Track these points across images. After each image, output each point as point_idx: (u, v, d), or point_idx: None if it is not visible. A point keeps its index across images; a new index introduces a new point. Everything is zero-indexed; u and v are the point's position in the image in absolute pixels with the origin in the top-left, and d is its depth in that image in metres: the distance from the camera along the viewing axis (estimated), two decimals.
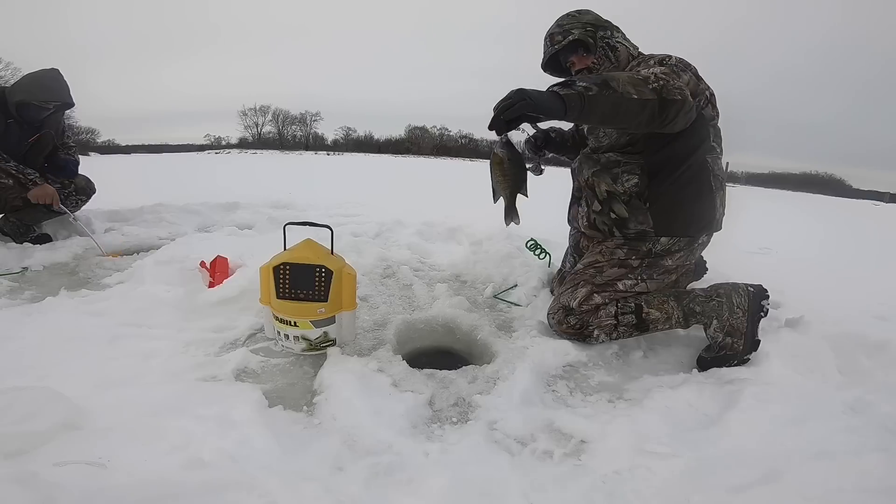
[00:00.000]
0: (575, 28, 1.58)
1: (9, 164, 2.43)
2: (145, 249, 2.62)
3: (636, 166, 1.56)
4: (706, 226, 1.59)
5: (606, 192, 1.61)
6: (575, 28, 1.58)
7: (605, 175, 1.60)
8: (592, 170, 1.64)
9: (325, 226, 1.51)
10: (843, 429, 1.11)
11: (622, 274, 1.58)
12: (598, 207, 1.65)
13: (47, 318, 1.62)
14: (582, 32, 1.57)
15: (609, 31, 1.59)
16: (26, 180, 2.46)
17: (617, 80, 1.23)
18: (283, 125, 55.02)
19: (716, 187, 1.56)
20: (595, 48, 1.57)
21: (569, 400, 1.35)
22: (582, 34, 1.57)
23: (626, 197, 1.58)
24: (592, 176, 1.64)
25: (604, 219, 1.64)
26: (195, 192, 4.31)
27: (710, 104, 1.52)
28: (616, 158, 1.59)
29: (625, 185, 1.57)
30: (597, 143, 1.67)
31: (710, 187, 1.55)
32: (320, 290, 1.39)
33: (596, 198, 1.65)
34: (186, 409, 1.13)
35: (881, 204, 16.43)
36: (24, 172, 2.47)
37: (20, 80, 2.48)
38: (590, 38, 1.57)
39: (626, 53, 1.58)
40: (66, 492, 0.83)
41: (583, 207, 1.73)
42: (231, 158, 18.97)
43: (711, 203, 1.56)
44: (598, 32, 1.57)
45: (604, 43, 1.57)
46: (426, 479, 0.98)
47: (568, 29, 1.58)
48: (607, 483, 1.01)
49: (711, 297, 1.52)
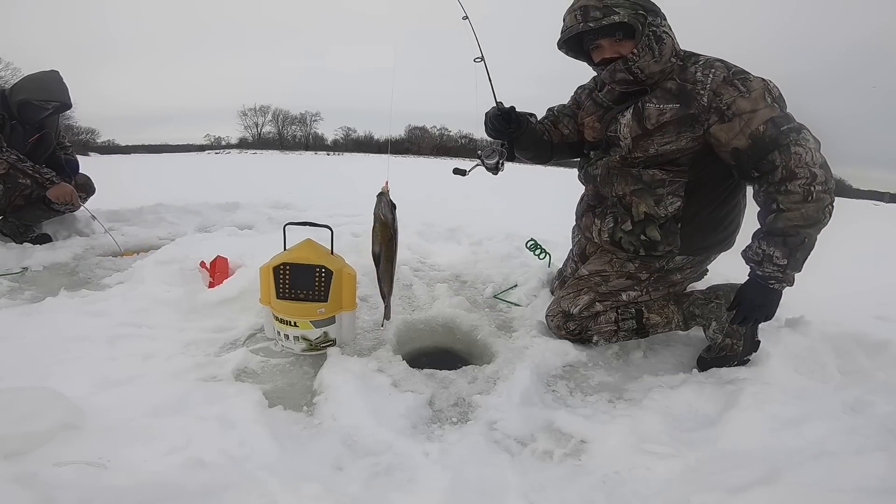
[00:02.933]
0: (621, 6, 1.31)
1: (25, 165, 2.44)
2: (145, 249, 2.62)
3: (680, 186, 1.43)
4: (725, 246, 1.56)
5: (644, 213, 1.48)
6: (621, 6, 1.31)
7: (648, 196, 1.46)
8: (632, 187, 1.48)
9: (325, 226, 1.51)
10: (843, 429, 1.11)
11: (629, 286, 1.55)
12: (628, 227, 1.51)
13: (47, 318, 1.62)
14: (631, 15, 1.32)
15: (658, 16, 1.35)
16: (43, 180, 2.47)
17: (810, 244, 1.30)
18: (283, 125, 55.08)
19: (743, 206, 1.52)
20: (641, 35, 1.33)
21: (569, 400, 1.35)
22: (632, 17, 1.32)
23: (663, 220, 1.46)
24: (632, 194, 1.48)
25: (632, 239, 1.52)
26: (195, 193, 4.31)
27: None
28: (661, 177, 1.43)
29: (668, 209, 1.44)
30: (627, 153, 1.46)
31: (740, 206, 1.51)
32: (320, 290, 1.39)
33: (630, 217, 1.51)
34: (186, 409, 1.14)
35: (881, 204, 16.43)
36: (41, 172, 2.48)
37: (21, 80, 2.50)
38: (640, 22, 1.32)
39: (671, 47, 1.36)
40: (66, 492, 0.83)
41: (606, 222, 1.57)
42: (231, 158, 18.97)
43: (736, 223, 1.52)
44: (649, 17, 1.33)
45: (650, 31, 1.33)
46: (426, 479, 0.98)
47: (611, 6, 1.32)
48: (607, 483, 1.01)
49: (710, 298, 1.52)
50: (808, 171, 1.24)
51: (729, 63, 1.36)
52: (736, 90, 1.30)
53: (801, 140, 1.26)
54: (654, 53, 1.34)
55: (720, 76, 1.32)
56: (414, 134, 55.08)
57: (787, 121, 1.28)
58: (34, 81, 2.47)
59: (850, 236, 5.57)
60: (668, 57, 1.36)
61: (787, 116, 1.29)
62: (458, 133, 55.82)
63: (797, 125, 1.28)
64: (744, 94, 1.29)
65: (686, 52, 1.42)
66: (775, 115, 1.28)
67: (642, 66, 1.36)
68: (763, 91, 1.29)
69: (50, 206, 2.63)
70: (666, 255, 1.51)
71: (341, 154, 34.20)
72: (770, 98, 1.29)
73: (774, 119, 1.28)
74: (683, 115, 1.35)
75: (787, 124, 1.28)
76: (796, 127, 1.28)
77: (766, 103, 1.29)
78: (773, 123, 1.27)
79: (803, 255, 1.30)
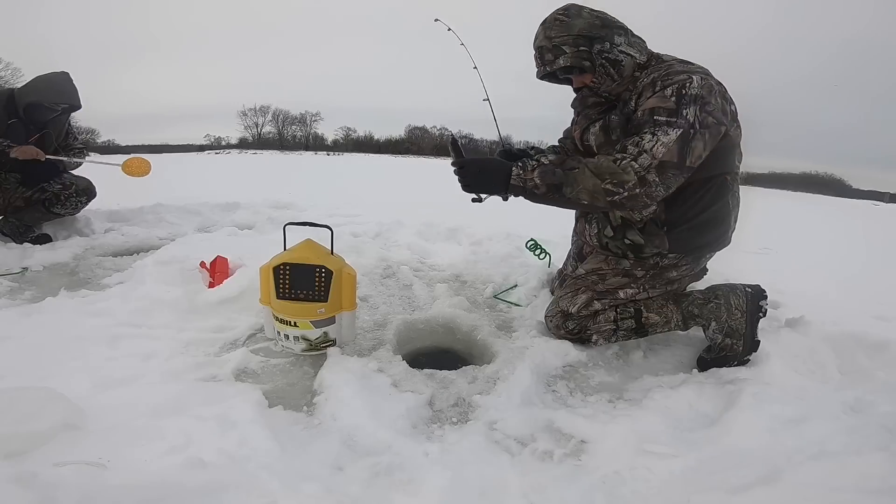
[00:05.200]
0: (565, 44, 1.37)
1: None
2: (145, 249, 2.62)
3: None
4: (719, 245, 1.54)
5: (621, 218, 1.50)
6: (565, 44, 1.37)
7: None
8: None
9: (325, 226, 1.51)
10: (843, 429, 1.11)
11: (625, 283, 1.55)
12: (610, 233, 1.53)
13: (47, 318, 1.62)
14: (574, 54, 1.37)
15: (606, 41, 1.37)
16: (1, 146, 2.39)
17: (575, 184, 1.29)
18: (283, 125, 55.11)
19: (732, 205, 1.48)
20: (593, 67, 1.39)
21: (569, 400, 1.35)
22: (574, 57, 1.38)
23: (641, 224, 1.48)
24: None
25: (617, 244, 1.53)
26: (195, 193, 4.31)
27: (735, 122, 1.41)
28: None
29: (642, 213, 1.46)
30: None
31: (728, 206, 1.46)
32: (320, 290, 1.39)
33: (609, 223, 1.53)
34: (186, 409, 1.13)
35: (881, 204, 16.45)
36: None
37: (32, 81, 2.50)
38: (584, 60, 1.38)
39: (631, 64, 1.40)
40: (66, 492, 0.83)
41: (592, 227, 1.59)
42: (231, 158, 18.97)
43: (727, 223, 1.49)
44: (595, 46, 1.37)
45: (603, 59, 1.38)
46: (426, 480, 0.98)
47: (558, 45, 1.38)
48: (607, 483, 1.01)
49: (710, 298, 1.52)
50: (635, 150, 1.28)
51: (680, 65, 1.37)
52: (652, 90, 1.33)
53: (657, 131, 1.28)
54: (613, 77, 1.40)
55: (650, 78, 1.36)
56: (414, 134, 55.13)
57: (669, 114, 1.29)
58: (45, 83, 2.48)
59: (851, 236, 5.58)
60: (631, 73, 1.41)
61: (675, 111, 1.28)
62: (458, 133, 55.88)
63: (676, 121, 1.28)
64: (657, 92, 1.32)
65: (656, 59, 1.43)
66: (661, 105, 1.30)
67: (606, 90, 1.44)
68: (675, 85, 1.30)
69: (49, 209, 2.63)
70: (655, 255, 1.50)
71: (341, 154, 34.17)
72: (674, 92, 1.29)
73: (655, 108, 1.30)
74: (624, 123, 1.41)
75: (665, 117, 1.29)
76: (673, 122, 1.28)
77: (662, 94, 1.30)
78: (651, 112, 1.31)
79: (554, 186, 1.30)
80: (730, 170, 1.44)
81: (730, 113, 1.38)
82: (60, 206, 2.65)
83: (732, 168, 1.45)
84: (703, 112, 1.29)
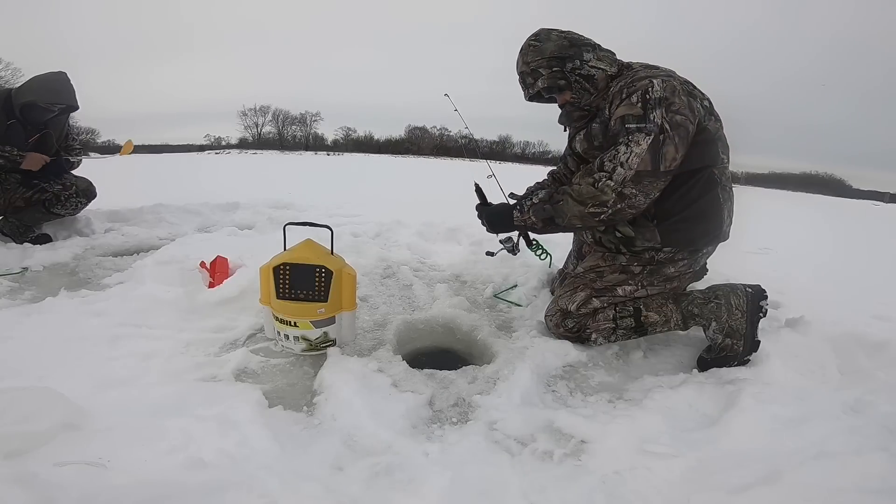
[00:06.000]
0: (541, 67, 1.49)
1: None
2: (145, 249, 2.62)
3: None
4: (713, 239, 1.54)
5: None
6: (541, 67, 1.49)
7: None
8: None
9: (325, 226, 1.51)
10: (843, 429, 1.11)
11: (623, 280, 1.55)
12: (601, 227, 1.56)
13: (47, 318, 1.62)
14: (549, 76, 1.49)
15: (576, 59, 1.48)
16: (13, 157, 2.42)
17: (563, 214, 1.45)
18: (283, 125, 55.08)
19: (723, 199, 1.48)
20: (569, 84, 1.50)
21: (569, 400, 1.35)
22: (549, 79, 1.49)
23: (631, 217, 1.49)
24: None
25: (609, 237, 1.56)
26: (195, 193, 4.31)
27: (712, 116, 1.45)
28: None
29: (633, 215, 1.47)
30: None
31: (718, 200, 1.47)
32: (320, 290, 1.39)
33: None
34: (186, 409, 1.13)
35: (881, 204, 16.45)
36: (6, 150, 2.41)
37: (28, 81, 2.48)
38: (559, 79, 1.49)
39: (604, 77, 1.49)
40: (66, 492, 0.83)
41: None
42: (231, 158, 18.97)
43: (719, 216, 1.50)
44: (567, 65, 1.48)
45: (576, 76, 1.48)
46: (426, 480, 0.98)
47: (535, 68, 1.50)
48: (607, 483, 1.01)
49: (710, 298, 1.51)
50: (610, 167, 1.36)
51: (645, 70, 1.44)
52: (620, 97, 1.41)
53: (631, 140, 1.35)
54: (589, 90, 1.51)
55: (618, 87, 1.43)
56: (414, 134, 55.12)
57: (638, 120, 1.35)
58: (41, 83, 2.46)
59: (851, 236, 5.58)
60: (605, 84, 1.50)
61: (642, 116, 1.35)
62: (458, 133, 55.88)
63: (644, 126, 1.34)
64: (624, 100, 1.39)
65: (626, 68, 1.51)
66: (629, 112, 1.36)
67: (586, 103, 1.54)
68: (639, 91, 1.36)
69: (49, 210, 2.63)
70: (647, 249, 1.52)
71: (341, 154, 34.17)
72: (639, 98, 1.36)
73: (625, 117, 1.37)
74: (604, 130, 1.48)
75: (635, 123, 1.35)
76: (643, 128, 1.34)
77: (629, 102, 1.37)
78: (622, 120, 1.38)
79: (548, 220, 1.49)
80: (715, 163, 1.47)
81: (699, 109, 1.41)
82: (61, 206, 2.65)
83: (717, 161, 1.47)
84: (669, 112, 1.35)
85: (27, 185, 2.54)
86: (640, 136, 1.34)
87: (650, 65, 1.50)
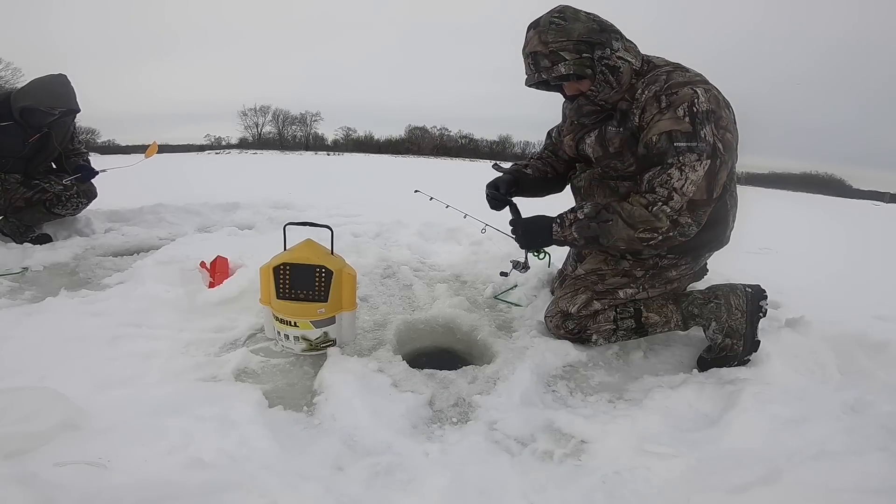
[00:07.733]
0: (565, 51, 1.30)
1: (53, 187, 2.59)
2: (145, 249, 2.62)
3: None
4: (718, 244, 1.54)
5: None
6: (565, 51, 1.30)
7: None
8: (610, 198, 1.47)
9: (325, 226, 1.51)
10: (843, 429, 1.11)
11: (624, 283, 1.55)
12: (644, 253, 1.50)
13: (47, 318, 1.62)
14: (576, 61, 1.30)
15: (606, 46, 1.31)
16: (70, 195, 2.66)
17: (610, 235, 1.34)
18: (283, 125, 55.04)
19: (731, 205, 1.47)
20: (594, 74, 1.33)
21: (569, 400, 1.35)
22: (576, 64, 1.30)
23: None
24: None
25: None
26: (195, 193, 4.31)
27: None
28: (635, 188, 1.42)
29: None
30: (604, 170, 1.51)
31: (726, 206, 1.46)
32: (320, 290, 1.39)
33: None
34: (186, 409, 1.13)
35: (881, 204, 16.45)
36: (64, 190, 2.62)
37: (28, 84, 2.48)
38: (586, 67, 1.31)
39: (629, 71, 1.35)
40: (66, 492, 0.83)
41: None
42: (231, 158, 18.96)
43: (725, 222, 1.49)
44: (596, 52, 1.31)
45: (603, 66, 1.32)
46: (426, 480, 0.98)
47: (556, 51, 1.30)
48: (607, 483, 1.01)
49: (710, 298, 1.51)
50: (665, 193, 1.27)
51: (676, 73, 1.33)
52: (658, 106, 1.30)
53: (684, 162, 1.25)
54: (612, 84, 1.35)
55: (652, 91, 1.32)
56: (414, 134, 55.09)
57: (688, 138, 1.24)
58: (41, 86, 2.45)
59: (851, 236, 5.58)
60: (628, 81, 1.36)
61: (692, 133, 1.24)
62: (458, 133, 55.89)
63: (696, 145, 1.24)
64: (663, 110, 1.28)
65: (648, 63, 1.40)
66: (677, 128, 1.25)
67: (603, 98, 1.39)
68: (684, 103, 1.25)
69: (50, 210, 2.63)
70: (654, 255, 1.50)
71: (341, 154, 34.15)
72: (686, 111, 1.25)
73: (672, 133, 1.26)
74: (628, 136, 1.38)
75: (685, 142, 1.24)
76: (694, 147, 1.24)
77: (674, 115, 1.26)
78: (669, 137, 1.26)
79: (592, 238, 1.38)
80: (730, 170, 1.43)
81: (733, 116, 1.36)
82: (61, 206, 2.65)
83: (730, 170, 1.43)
84: (718, 129, 1.26)
85: (27, 186, 2.54)
86: (693, 159, 1.24)
87: (671, 61, 1.41)
